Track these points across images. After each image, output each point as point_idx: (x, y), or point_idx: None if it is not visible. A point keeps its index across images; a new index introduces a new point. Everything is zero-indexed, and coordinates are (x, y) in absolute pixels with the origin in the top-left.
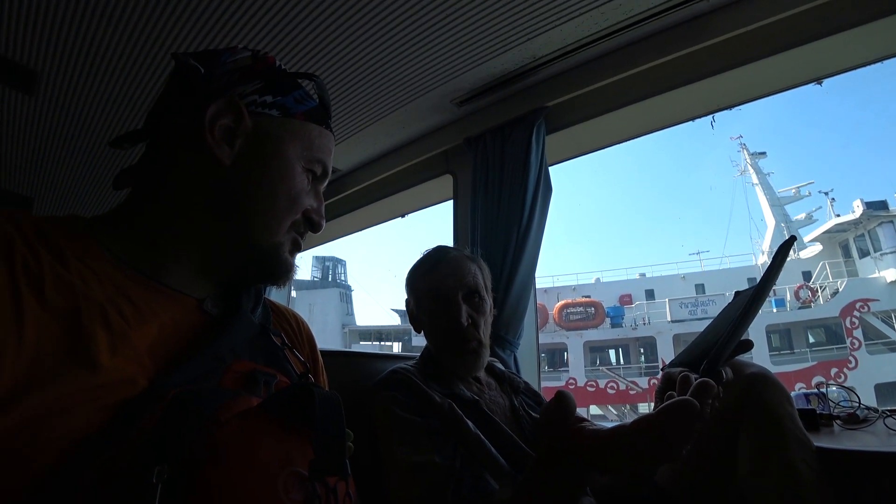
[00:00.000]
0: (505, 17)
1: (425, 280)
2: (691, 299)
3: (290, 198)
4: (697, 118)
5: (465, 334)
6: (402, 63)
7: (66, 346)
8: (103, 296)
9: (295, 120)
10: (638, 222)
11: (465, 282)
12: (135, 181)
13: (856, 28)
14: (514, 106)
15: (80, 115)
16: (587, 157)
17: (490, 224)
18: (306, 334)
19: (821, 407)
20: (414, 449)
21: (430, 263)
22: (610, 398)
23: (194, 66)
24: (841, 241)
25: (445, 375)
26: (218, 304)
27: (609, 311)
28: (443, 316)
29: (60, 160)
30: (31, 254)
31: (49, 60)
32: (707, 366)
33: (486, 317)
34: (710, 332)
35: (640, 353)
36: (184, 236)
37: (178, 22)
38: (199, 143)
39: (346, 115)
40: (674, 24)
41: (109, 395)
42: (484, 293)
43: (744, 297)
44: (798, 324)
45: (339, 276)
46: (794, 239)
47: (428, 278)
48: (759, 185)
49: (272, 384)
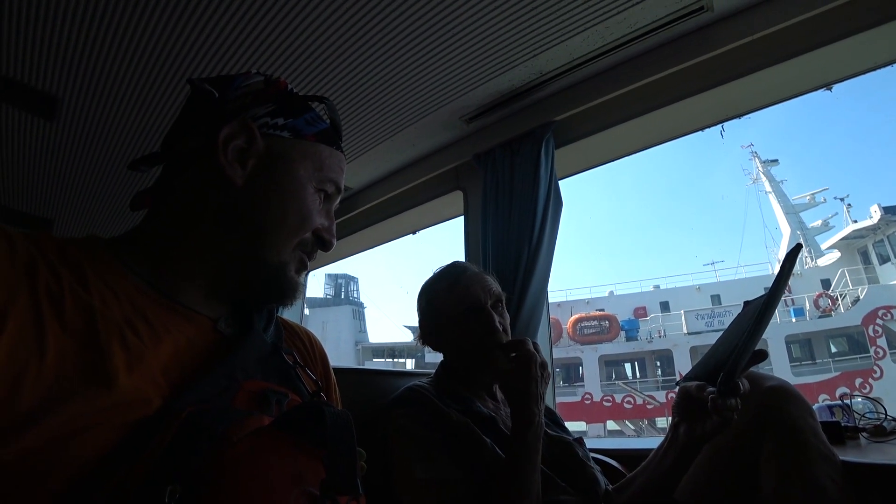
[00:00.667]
0: (511, 34)
1: (450, 296)
2: (707, 311)
3: (301, 216)
4: (706, 128)
5: (501, 340)
6: (410, 82)
7: (84, 366)
8: (121, 315)
9: (306, 141)
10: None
11: (491, 290)
12: (151, 202)
13: (864, 32)
14: (522, 121)
15: (100, 139)
16: (597, 169)
17: (501, 239)
18: (319, 352)
19: (845, 419)
20: (432, 465)
21: (451, 278)
22: (627, 413)
23: (209, 90)
24: (859, 248)
25: (461, 392)
26: (231, 324)
27: (624, 324)
28: (475, 326)
29: (80, 183)
30: (53, 275)
31: (70, 87)
32: (724, 378)
33: None
34: (722, 343)
35: (656, 367)
36: (197, 255)
37: (192, 49)
38: (212, 163)
39: (356, 134)
40: (679, 35)
41: (125, 415)
42: (504, 302)
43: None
44: (819, 333)
45: (352, 293)
46: (800, 247)
47: (453, 294)
48: (772, 192)
49: (284, 403)
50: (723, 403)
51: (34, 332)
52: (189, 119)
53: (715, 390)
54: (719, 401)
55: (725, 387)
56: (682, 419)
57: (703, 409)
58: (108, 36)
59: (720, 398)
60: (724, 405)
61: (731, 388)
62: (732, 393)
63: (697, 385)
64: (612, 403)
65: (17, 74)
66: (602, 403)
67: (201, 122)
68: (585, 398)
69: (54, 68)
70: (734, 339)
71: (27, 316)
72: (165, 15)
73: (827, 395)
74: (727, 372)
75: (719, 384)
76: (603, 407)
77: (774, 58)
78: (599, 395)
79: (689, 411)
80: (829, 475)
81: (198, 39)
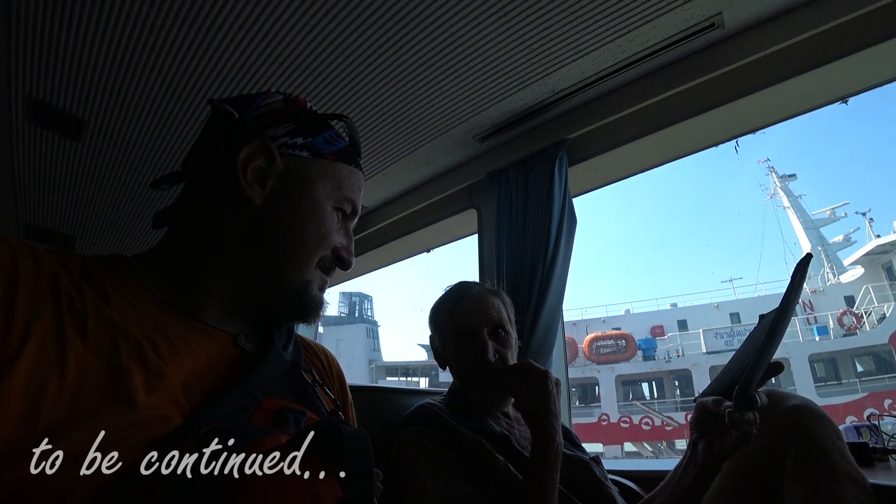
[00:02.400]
0: (523, 53)
1: (450, 317)
2: (727, 329)
3: (320, 235)
4: (720, 144)
5: (492, 369)
6: (425, 102)
7: (106, 384)
8: (141, 332)
9: (325, 160)
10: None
11: (489, 317)
12: (172, 220)
13: (879, 44)
14: (535, 139)
15: (122, 159)
16: (611, 186)
17: (515, 257)
18: (336, 371)
19: (873, 440)
20: (447, 482)
21: (453, 300)
22: (645, 434)
23: (229, 111)
24: (884, 263)
25: (474, 410)
26: (252, 340)
27: (641, 343)
28: (469, 353)
29: (102, 201)
30: (76, 292)
31: (95, 109)
32: (739, 391)
33: (511, 350)
34: (737, 358)
35: (675, 387)
36: (217, 274)
37: (214, 70)
38: (232, 183)
39: (371, 154)
40: (691, 52)
41: (145, 432)
42: (508, 327)
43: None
44: (844, 352)
45: (366, 311)
46: (810, 256)
47: (452, 315)
48: (790, 208)
49: (302, 421)
50: (740, 417)
51: (56, 348)
52: (210, 139)
53: (732, 404)
54: (737, 415)
55: (741, 400)
56: (701, 435)
57: (721, 425)
58: (133, 59)
59: (737, 412)
60: (741, 419)
61: (748, 402)
62: (749, 406)
63: (714, 399)
64: (629, 424)
65: (46, 97)
66: (619, 425)
67: (221, 142)
68: (602, 419)
69: (80, 91)
70: (751, 353)
71: (50, 332)
72: (189, 38)
73: (855, 417)
74: (742, 385)
75: (735, 397)
76: (620, 428)
77: (787, 72)
78: (616, 416)
79: (707, 427)
80: (859, 498)
81: (220, 61)
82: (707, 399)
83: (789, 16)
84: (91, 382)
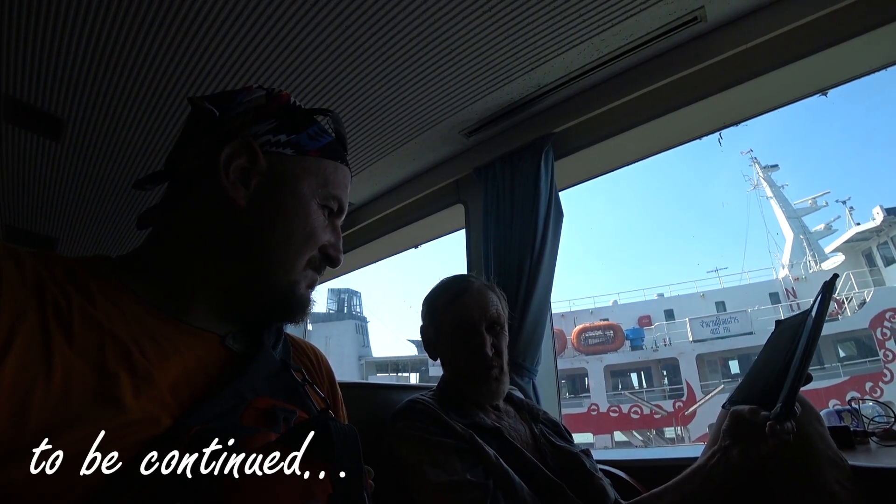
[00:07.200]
0: (508, 48)
1: (449, 310)
2: (713, 317)
3: (306, 234)
4: (704, 136)
5: (489, 362)
6: (410, 97)
7: (93, 387)
8: (128, 335)
9: (310, 157)
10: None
11: (489, 313)
12: (157, 221)
13: (858, 37)
14: (521, 134)
15: (104, 159)
16: (597, 180)
17: (503, 252)
18: (326, 369)
19: (854, 424)
20: (446, 469)
21: (453, 293)
22: (634, 423)
23: (209, 109)
24: (864, 250)
25: (464, 405)
26: (240, 340)
27: (628, 333)
28: (467, 346)
29: (84, 202)
30: (61, 294)
31: (74, 108)
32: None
33: (506, 344)
34: (763, 365)
35: (662, 376)
36: (203, 275)
37: (196, 67)
38: (215, 183)
39: (357, 150)
40: (674, 46)
41: (134, 435)
42: (504, 322)
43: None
44: (826, 337)
45: (355, 307)
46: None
47: (452, 308)
48: (773, 197)
49: (292, 420)
50: (782, 428)
51: (42, 351)
52: (191, 138)
53: (772, 414)
54: (777, 426)
55: (786, 414)
56: (735, 442)
57: (757, 433)
58: (113, 58)
59: (778, 423)
60: (783, 430)
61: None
62: (789, 417)
63: (751, 409)
64: (618, 414)
65: (24, 96)
66: (609, 414)
67: (203, 141)
68: (592, 409)
69: (59, 90)
70: (778, 362)
71: (35, 335)
72: (170, 34)
73: (837, 401)
74: (787, 399)
75: (780, 411)
76: (610, 417)
77: (769, 65)
78: (606, 405)
79: (741, 434)
80: (839, 480)
81: (202, 58)
82: (743, 408)
83: (770, 10)
84: (78, 386)
